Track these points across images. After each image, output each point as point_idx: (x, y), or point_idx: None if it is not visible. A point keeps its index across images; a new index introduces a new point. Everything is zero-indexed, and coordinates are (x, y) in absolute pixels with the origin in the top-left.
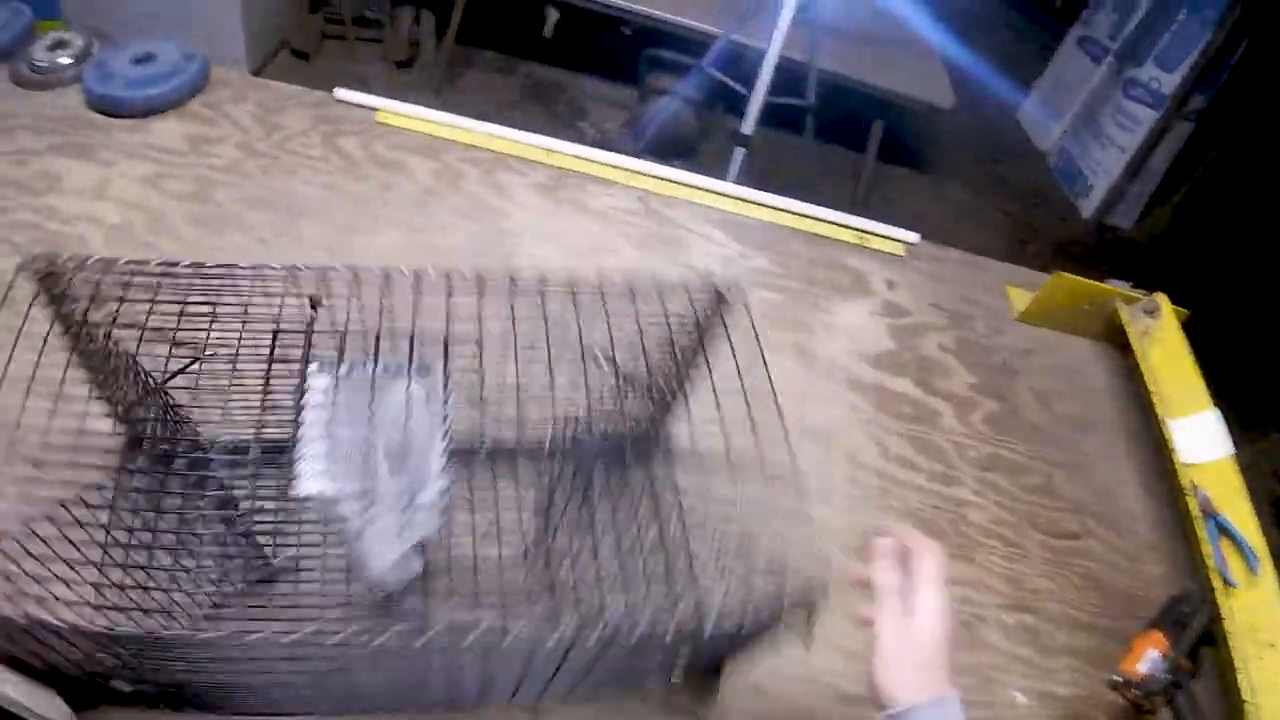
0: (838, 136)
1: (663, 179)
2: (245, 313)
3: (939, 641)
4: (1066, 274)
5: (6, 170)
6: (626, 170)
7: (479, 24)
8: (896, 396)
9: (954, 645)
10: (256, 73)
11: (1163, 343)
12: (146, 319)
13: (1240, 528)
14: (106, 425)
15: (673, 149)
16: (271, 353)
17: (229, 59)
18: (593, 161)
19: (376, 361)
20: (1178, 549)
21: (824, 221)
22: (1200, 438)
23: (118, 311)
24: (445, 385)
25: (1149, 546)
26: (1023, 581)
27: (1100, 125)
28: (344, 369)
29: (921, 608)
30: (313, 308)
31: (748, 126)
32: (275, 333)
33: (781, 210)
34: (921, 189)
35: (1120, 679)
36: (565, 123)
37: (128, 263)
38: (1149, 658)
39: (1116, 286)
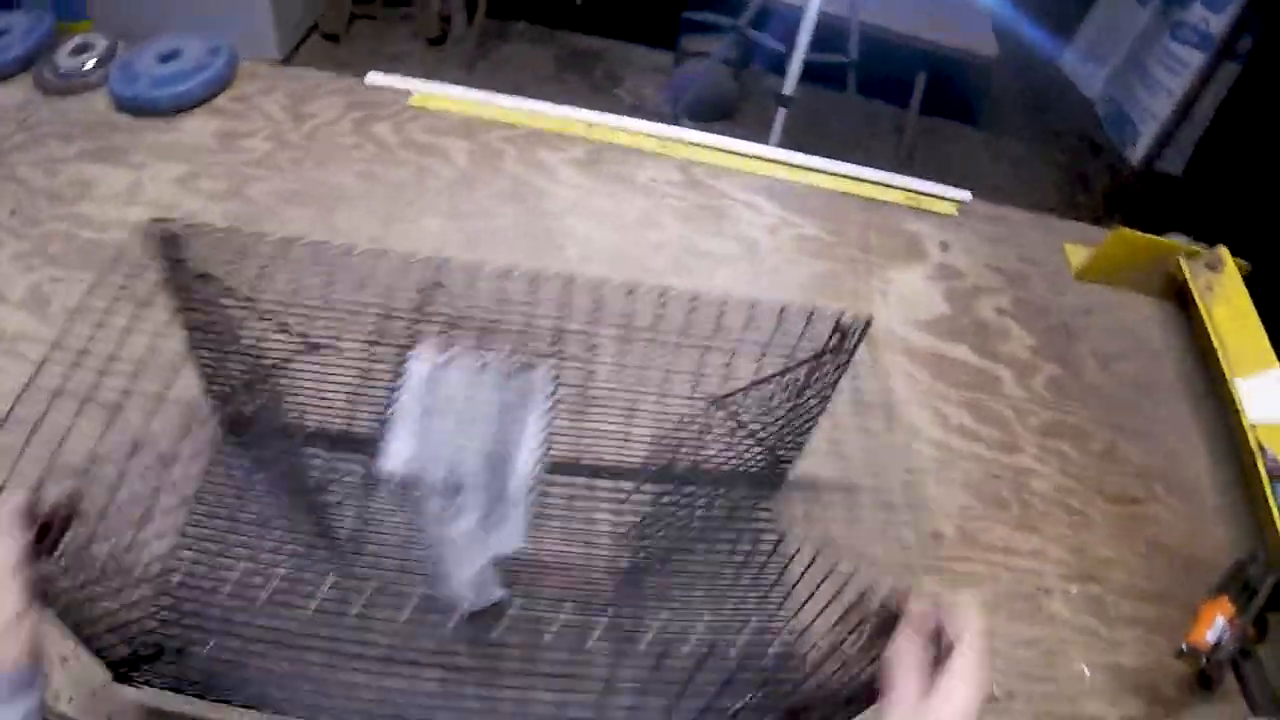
0: (880, 92)
1: (705, 146)
2: (357, 295)
3: None
4: (1126, 229)
5: (37, 180)
6: (667, 139)
7: None
8: (955, 363)
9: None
10: (287, 59)
11: (1226, 298)
12: (259, 295)
13: None
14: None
15: (712, 112)
16: (376, 341)
17: (259, 47)
18: (633, 133)
19: (481, 356)
20: (1245, 513)
21: (873, 183)
22: (1268, 396)
23: (231, 285)
24: (549, 389)
25: (1215, 510)
26: (1087, 550)
27: (1147, 69)
28: (444, 359)
29: (943, 695)
30: (421, 292)
31: (789, 86)
32: (384, 318)
33: (828, 174)
34: (969, 143)
35: (1188, 648)
36: (602, 91)
37: (247, 234)
38: (1217, 625)
39: (1176, 240)
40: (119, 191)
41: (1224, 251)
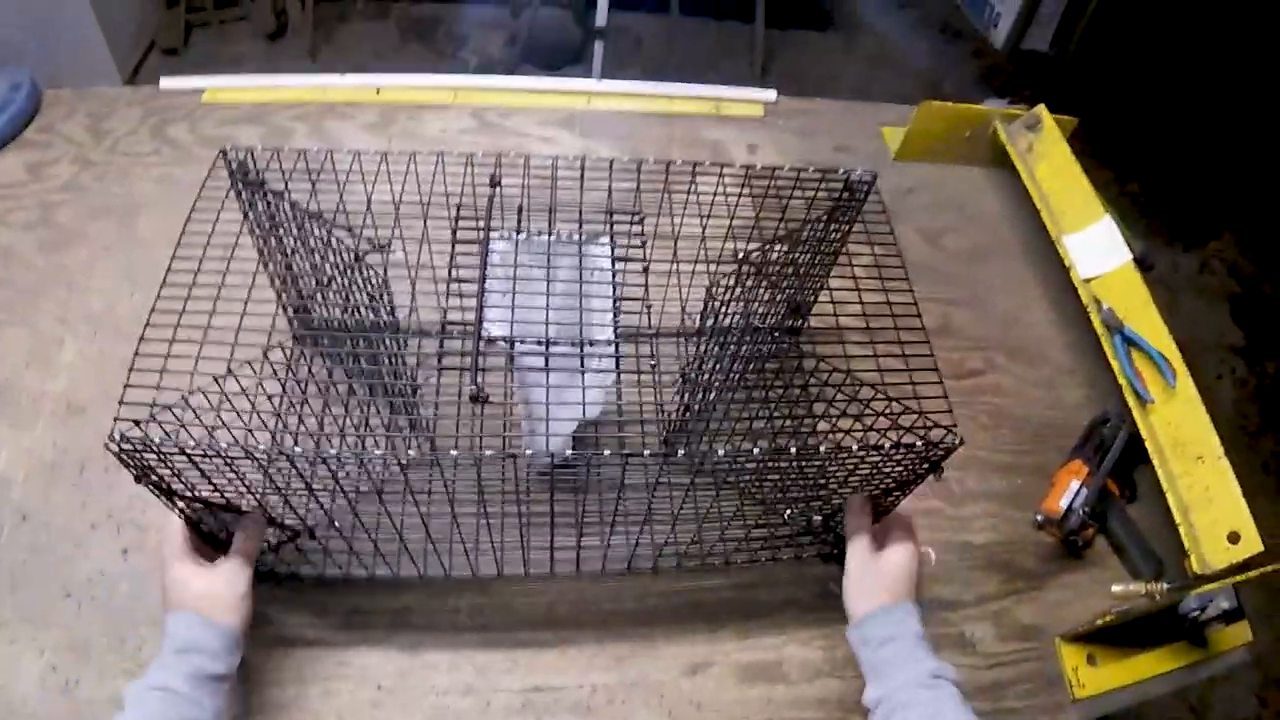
0: (726, 10)
1: (498, 89)
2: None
3: (900, 576)
4: (935, 101)
5: None
6: (459, 89)
7: None
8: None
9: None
10: (131, 79)
11: (1047, 156)
12: (337, 207)
13: (1150, 338)
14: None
15: (557, 58)
16: (454, 233)
17: (99, 74)
18: (422, 88)
19: (551, 232)
20: (1096, 371)
21: (675, 98)
22: (1097, 249)
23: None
24: (613, 257)
25: (1066, 372)
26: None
27: None
28: (522, 236)
29: (889, 549)
30: (492, 186)
31: (600, 18)
32: (457, 209)
33: (630, 95)
34: (830, 49)
35: (1043, 517)
36: (447, 55)
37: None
38: (1071, 489)
39: (995, 106)
40: None
41: (1042, 110)
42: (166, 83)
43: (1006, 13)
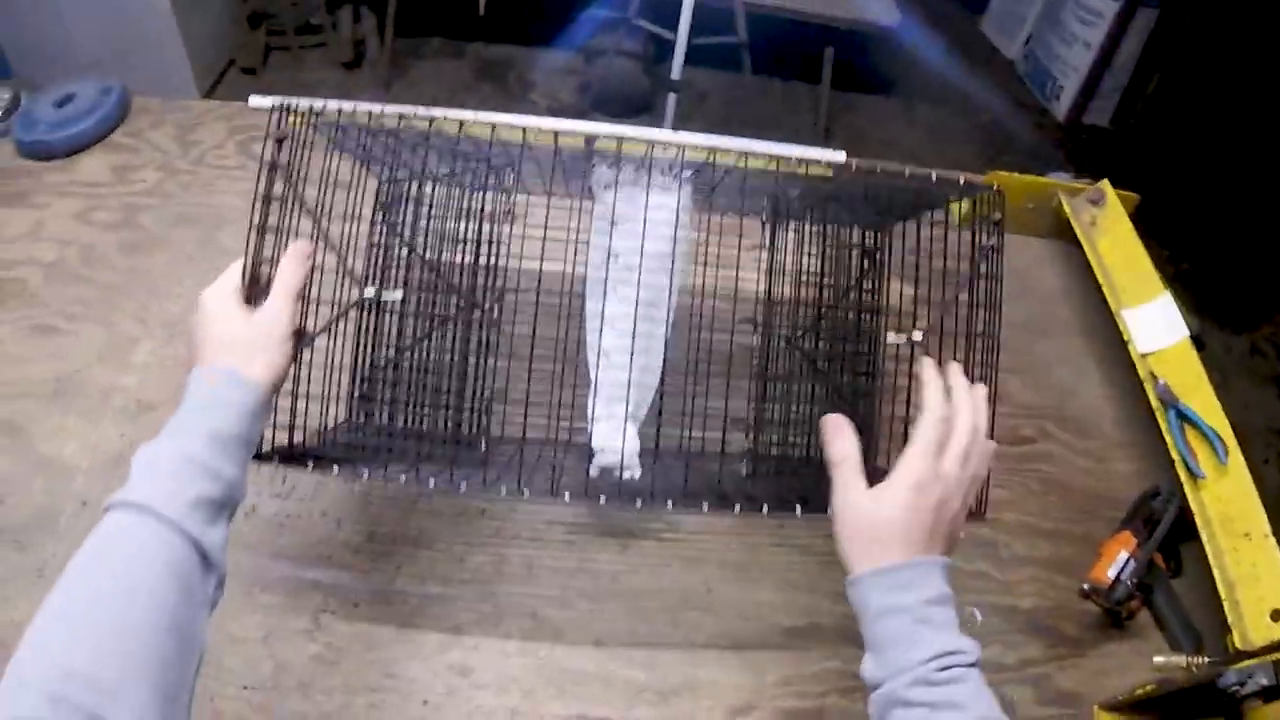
0: (793, 71)
1: (578, 133)
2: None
3: (906, 516)
4: (1002, 172)
5: None
6: (539, 131)
7: (419, 13)
8: None
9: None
10: (208, 96)
11: (1110, 231)
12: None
13: (1203, 415)
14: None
15: (625, 107)
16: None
17: (179, 88)
18: (509, 127)
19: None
20: (1148, 445)
21: (747, 154)
22: (1155, 325)
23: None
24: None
25: (1117, 445)
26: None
27: (1063, 23)
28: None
29: (890, 479)
30: (587, 144)
31: (675, 71)
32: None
33: (703, 148)
34: (890, 114)
35: (1090, 586)
36: (518, 97)
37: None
38: (1118, 561)
39: (1059, 179)
40: (23, 231)
41: (1106, 185)
42: (254, 101)
43: (1069, 86)
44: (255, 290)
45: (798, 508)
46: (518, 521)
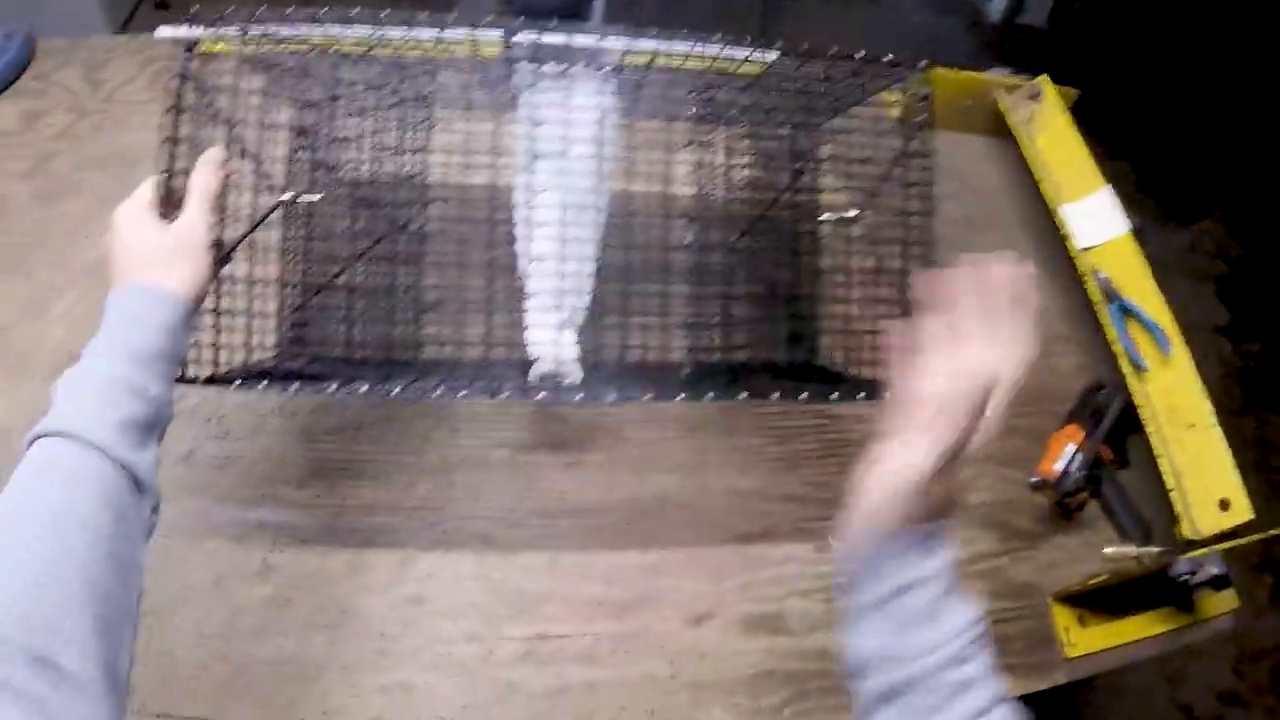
0: None
1: (497, 42)
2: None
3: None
4: (941, 68)
5: None
6: (462, 42)
7: None
8: None
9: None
10: (120, 33)
11: (1048, 127)
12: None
13: (1145, 308)
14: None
15: (553, 12)
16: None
17: (89, 26)
18: (425, 43)
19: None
20: (1091, 339)
21: (677, 56)
22: (1095, 220)
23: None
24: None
25: (1061, 339)
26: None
27: None
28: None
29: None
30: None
31: None
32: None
33: (632, 52)
34: (826, 18)
35: (1039, 479)
36: (442, 9)
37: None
38: (1066, 454)
39: (997, 75)
40: None
41: (1044, 81)
42: (161, 32)
43: None
44: (170, 204)
45: (743, 394)
46: (462, 446)
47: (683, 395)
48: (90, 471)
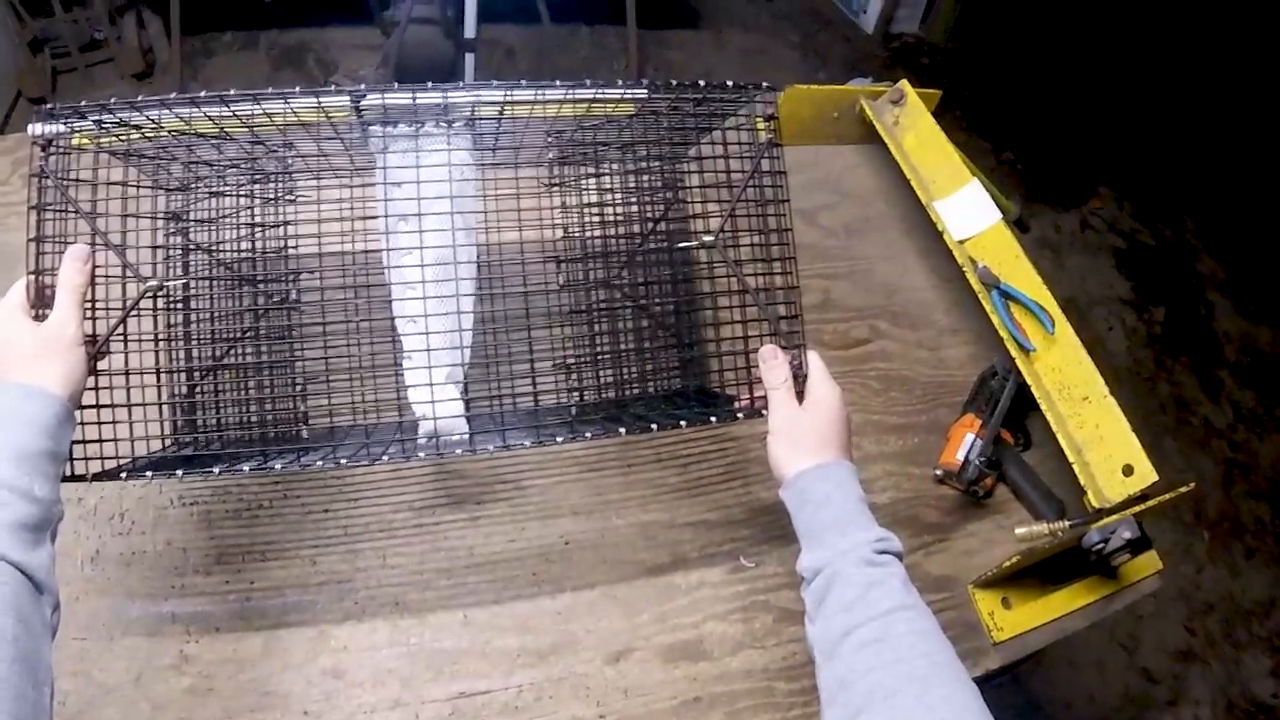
0: (599, 15)
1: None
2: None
3: (832, 424)
4: (800, 85)
5: None
6: (336, 108)
7: (205, 10)
8: None
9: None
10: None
11: (913, 128)
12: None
13: (1026, 291)
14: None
15: (430, 75)
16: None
17: None
18: (303, 110)
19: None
20: (978, 328)
21: (551, 103)
22: (968, 212)
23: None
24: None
25: (949, 332)
26: None
27: None
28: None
29: (811, 396)
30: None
31: (469, 29)
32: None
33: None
34: (702, 46)
35: (943, 471)
36: (320, 81)
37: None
38: (966, 443)
39: (859, 84)
40: None
41: (904, 85)
42: (33, 128)
43: None
44: (41, 302)
45: (620, 430)
46: (364, 514)
47: (562, 438)
48: None
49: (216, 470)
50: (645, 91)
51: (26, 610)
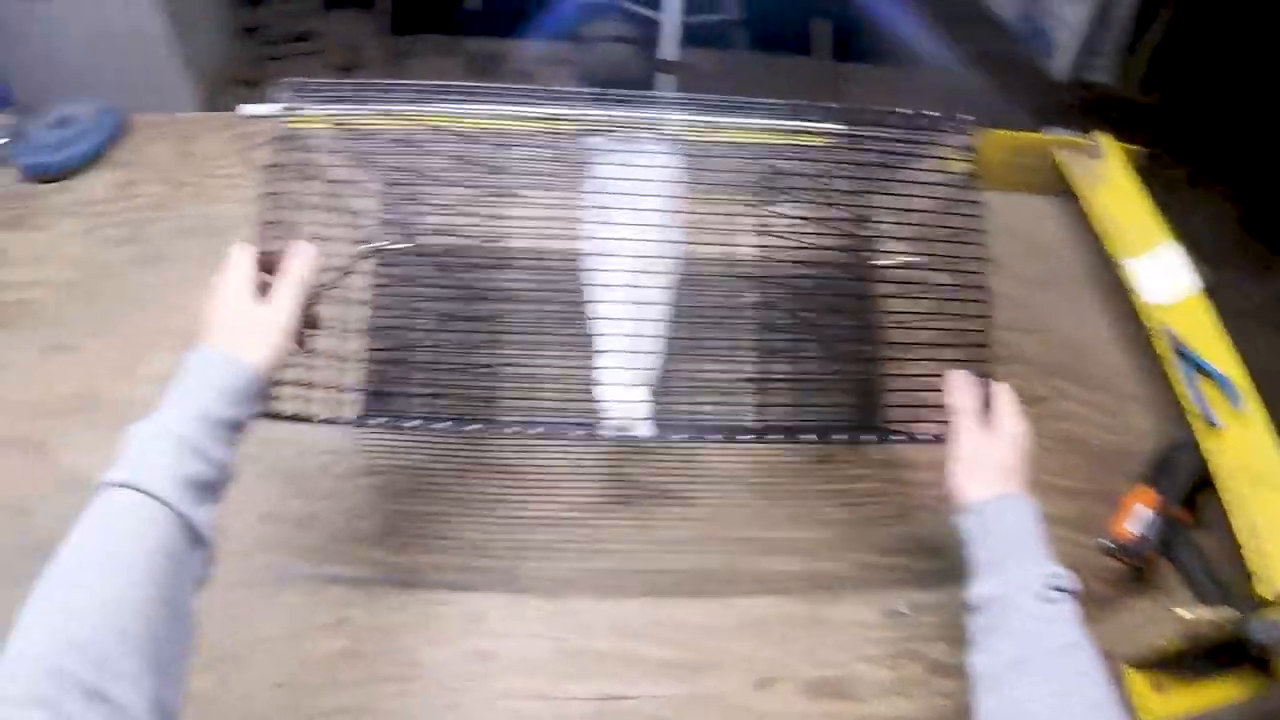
0: (792, 45)
1: (576, 119)
2: None
3: (1019, 458)
4: (997, 130)
5: None
6: (541, 119)
7: (412, 12)
8: None
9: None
10: (208, 110)
11: (1109, 183)
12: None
13: (1216, 363)
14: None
15: (626, 84)
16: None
17: (179, 104)
18: (501, 119)
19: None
20: (1163, 397)
21: (751, 130)
22: (1161, 276)
23: None
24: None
25: (1131, 398)
26: None
27: None
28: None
29: (999, 427)
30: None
31: (668, 51)
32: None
33: (707, 127)
34: (892, 84)
35: (1111, 543)
36: (516, 79)
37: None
38: (1139, 516)
39: (1054, 134)
40: (31, 254)
41: (1103, 137)
42: (244, 109)
43: (1065, 43)
44: (264, 283)
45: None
46: (534, 508)
47: (750, 437)
48: (150, 522)
49: (414, 424)
50: (844, 124)
51: (182, 558)
